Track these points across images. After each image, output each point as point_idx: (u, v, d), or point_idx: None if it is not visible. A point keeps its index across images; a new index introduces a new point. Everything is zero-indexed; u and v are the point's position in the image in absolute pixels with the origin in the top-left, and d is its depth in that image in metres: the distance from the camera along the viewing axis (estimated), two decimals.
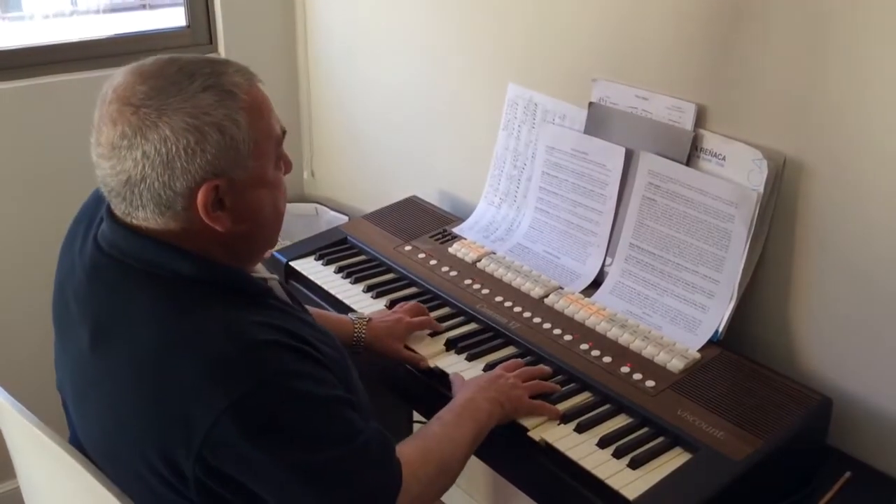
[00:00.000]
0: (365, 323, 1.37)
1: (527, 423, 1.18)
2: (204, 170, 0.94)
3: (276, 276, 1.15)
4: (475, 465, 2.07)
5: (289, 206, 2.28)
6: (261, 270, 1.14)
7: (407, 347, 1.37)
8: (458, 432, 1.12)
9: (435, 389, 1.29)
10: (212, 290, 0.98)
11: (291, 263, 1.65)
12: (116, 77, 0.96)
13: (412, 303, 1.44)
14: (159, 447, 0.93)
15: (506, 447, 1.19)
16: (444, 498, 2.25)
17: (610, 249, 1.48)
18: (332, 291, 1.54)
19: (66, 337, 1.05)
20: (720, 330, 1.31)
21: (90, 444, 1.03)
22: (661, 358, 1.27)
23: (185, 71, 0.95)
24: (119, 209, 0.98)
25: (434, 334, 1.40)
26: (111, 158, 0.94)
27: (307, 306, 1.43)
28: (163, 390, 0.92)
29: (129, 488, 0.98)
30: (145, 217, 0.97)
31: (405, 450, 1.05)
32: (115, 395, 0.96)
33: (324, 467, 0.94)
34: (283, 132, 1.05)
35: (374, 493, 0.98)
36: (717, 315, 1.31)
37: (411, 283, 1.55)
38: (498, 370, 1.25)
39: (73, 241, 1.08)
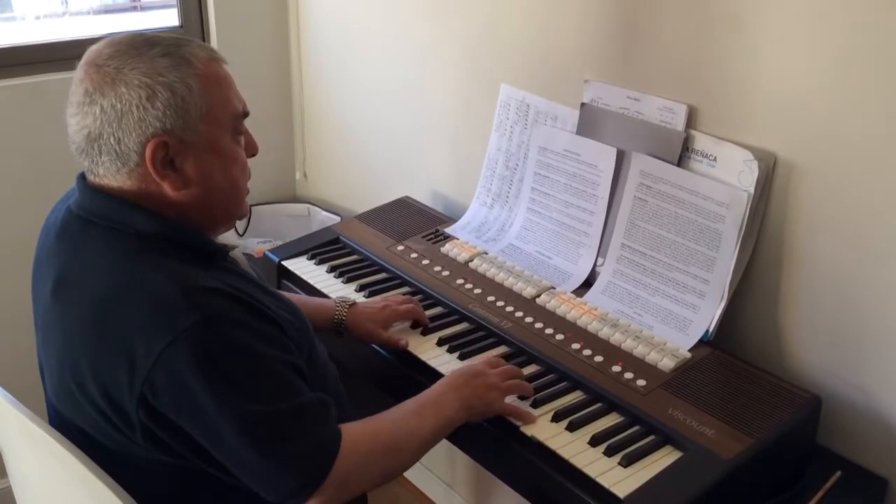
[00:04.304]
0: (347, 306, 1.39)
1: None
2: (153, 126, 1.00)
3: (238, 245, 1.19)
4: (458, 460, 2.10)
5: (281, 206, 2.33)
6: (225, 240, 1.17)
7: None
8: (417, 421, 1.13)
9: (419, 382, 1.29)
10: (168, 246, 1.03)
11: (284, 263, 1.65)
12: (94, 45, 1.05)
13: (404, 297, 1.45)
14: (106, 390, 0.97)
15: (496, 444, 1.19)
16: (425, 491, 2.28)
17: (601, 250, 1.48)
18: (325, 291, 1.54)
19: (38, 299, 1.10)
20: (711, 329, 1.31)
21: (56, 396, 1.07)
22: (652, 357, 1.28)
23: (150, 41, 1.03)
24: (84, 166, 1.06)
25: (425, 332, 1.40)
26: (77, 115, 1.02)
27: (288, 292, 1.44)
28: (109, 332, 0.97)
29: (94, 436, 1.02)
30: (104, 173, 1.04)
31: (356, 425, 1.08)
32: (69, 339, 1.02)
33: (258, 419, 0.97)
34: (246, 113, 1.10)
35: (307, 453, 1.00)
36: (707, 315, 1.32)
37: (404, 283, 1.55)
38: (480, 366, 1.23)
39: (50, 217, 1.15)
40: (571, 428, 1.17)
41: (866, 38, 1.13)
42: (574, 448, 1.14)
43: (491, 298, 1.46)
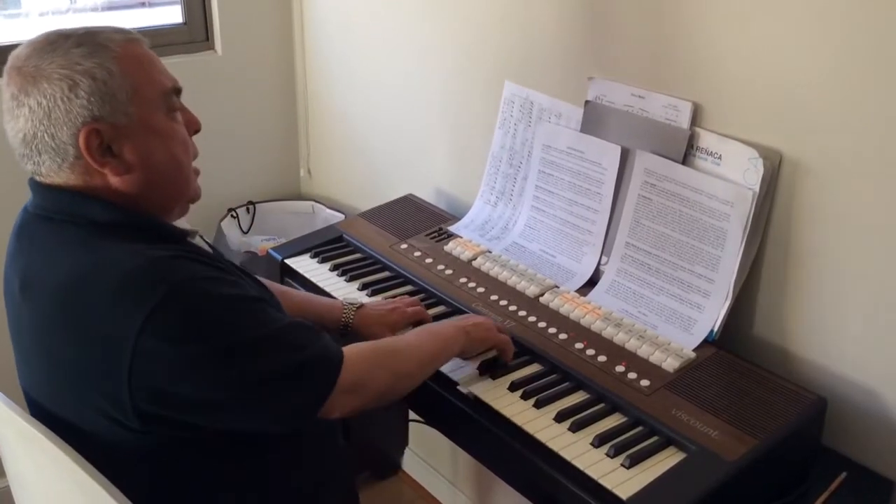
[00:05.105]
0: (354, 308, 1.39)
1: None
2: (82, 115, 1.00)
3: (198, 231, 1.19)
4: (461, 458, 2.09)
5: (285, 203, 2.33)
6: (182, 225, 1.18)
7: None
8: (416, 339, 1.21)
9: (430, 386, 1.29)
10: (125, 231, 1.03)
11: (287, 261, 1.64)
12: (14, 50, 1.06)
13: (413, 298, 1.45)
14: (87, 375, 0.98)
15: (498, 445, 1.18)
16: (430, 489, 2.28)
17: (606, 248, 1.47)
18: (328, 289, 1.54)
19: (9, 302, 1.10)
20: (715, 329, 1.30)
21: (44, 398, 1.07)
22: (655, 357, 1.27)
23: (65, 34, 1.04)
24: (29, 169, 1.06)
25: None
26: (10, 121, 1.03)
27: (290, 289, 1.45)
28: (80, 315, 0.97)
29: (86, 432, 1.01)
30: (48, 172, 1.04)
31: (355, 345, 1.13)
32: (44, 335, 1.02)
33: (255, 346, 0.99)
34: (177, 89, 1.10)
35: (310, 363, 1.03)
36: (712, 314, 1.31)
37: (407, 282, 1.55)
38: (480, 316, 1.33)
39: (16, 220, 1.14)
40: (574, 428, 1.16)
41: (873, 36, 1.12)
42: (577, 449, 1.13)
43: (494, 297, 1.45)
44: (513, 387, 1.24)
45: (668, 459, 1.11)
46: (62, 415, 1.04)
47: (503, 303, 1.43)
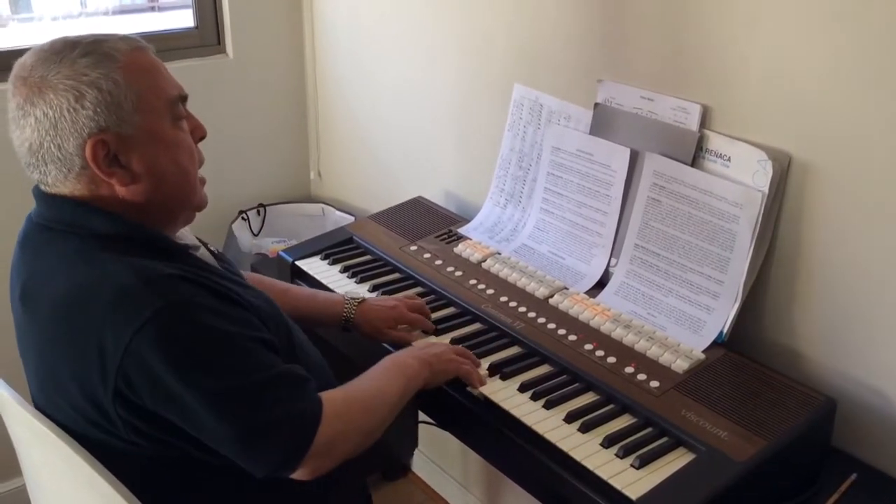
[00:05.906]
0: (356, 304, 1.39)
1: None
2: (88, 126, 1.00)
3: (201, 244, 1.18)
4: (471, 459, 2.09)
5: (295, 206, 2.34)
6: (186, 237, 1.18)
7: None
8: (386, 382, 1.17)
9: (440, 387, 1.30)
10: (126, 245, 1.03)
11: (297, 263, 1.65)
12: (20, 58, 1.04)
13: (416, 300, 1.45)
14: (83, 388, 0.98)
15: (508, 445, 1.19)
16: (439, 490, 2.29)
17: (615, 250, 1.48)
18: (338, 291, 1.54)
19: (14, 309, 1.11)
20: (725, 331, 1.30)
21: (42, 402, 1.08)
22: (665, 358, 1.27)
23: (71, 43, 1.02)
24: (34, 178, 1.07)
25: (436, 333, 1.40)
26: (16, 130, 1.03)
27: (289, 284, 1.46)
28: (76, 329, 0.97)
29: (90, 441, 1.02)
30: (54, 182, 1.04)
31: (333, 392, 1.10)
32: (40, 343, 1.03)
33: (233, 396, 0.98)
34: (183, 96, 1.09)
35: (288, 423, 1.01)
36: (721, 316, 1.31)
37: (416, 283, 1.55)
38: (441, 345, 1.30)
39: (21, 228, 1.14)
40: (584, 429, 1.16)
41: (882, 38, 1.12)
42: (587, 450, 1.13)
43: (504, 299, 1.46)
44: (523, 388, 1.25)
45: (677, 460, 1.12)
46: (58, 419, 1.04)
47: (512, 304, 1.44)
